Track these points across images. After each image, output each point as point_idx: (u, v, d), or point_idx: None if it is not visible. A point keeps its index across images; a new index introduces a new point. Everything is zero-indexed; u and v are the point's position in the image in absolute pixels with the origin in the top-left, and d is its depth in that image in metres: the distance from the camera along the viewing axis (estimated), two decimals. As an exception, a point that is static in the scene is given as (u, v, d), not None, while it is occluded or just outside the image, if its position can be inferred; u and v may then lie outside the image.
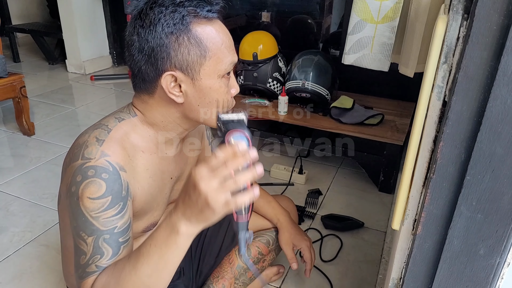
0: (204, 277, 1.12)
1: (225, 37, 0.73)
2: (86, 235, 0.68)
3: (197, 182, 0.57)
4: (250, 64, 2.05)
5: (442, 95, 0.55)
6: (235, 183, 0.57)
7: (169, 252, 0.63)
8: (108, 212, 0.69)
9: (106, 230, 0.69)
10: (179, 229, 0.61)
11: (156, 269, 0.63)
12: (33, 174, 1.93)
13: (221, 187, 0.57)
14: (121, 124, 0.76)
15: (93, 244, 0.68)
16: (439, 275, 0.56)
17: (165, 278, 0.65)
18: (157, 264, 0.63)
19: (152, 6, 0.69)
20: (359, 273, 1.38)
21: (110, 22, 3.52)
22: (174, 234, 0.62)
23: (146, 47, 0.70)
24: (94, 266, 0.68)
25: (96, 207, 0.68)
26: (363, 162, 1.88)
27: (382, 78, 1.94)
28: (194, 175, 0.58)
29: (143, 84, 0.75)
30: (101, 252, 0.68)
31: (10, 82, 2.10)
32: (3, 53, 2.23)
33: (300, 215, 1.62)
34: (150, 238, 0.64)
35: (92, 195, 0.68)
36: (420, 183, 0.62)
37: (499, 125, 0.45)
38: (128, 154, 0.74)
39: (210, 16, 0.71)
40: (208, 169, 0.57)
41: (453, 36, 0.51)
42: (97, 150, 0.71)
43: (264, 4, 2.79)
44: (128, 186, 0.73)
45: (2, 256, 1.43)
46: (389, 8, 1.45)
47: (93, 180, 0.68)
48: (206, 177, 0.57)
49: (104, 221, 0.69)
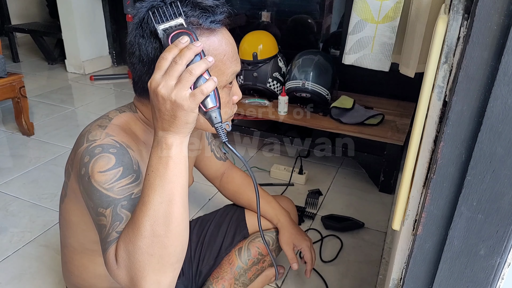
0: (204, 277, 1.11)
1: (227, 47, 0.71)
2: (103, 209, 0.67)
3: (156, 90, 0.59)
4: (250, 64, 2.05)
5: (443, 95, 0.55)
6: (191, 74, 0.58)
7: (168, 169, 0.62)
8: (122, 181, 0.68)
9: (123, 198, 0.67)
10: (166, 141, 0.61)
11: (164, 192, 0.62)
12: (32, 174, 1.93)
13: (179, 83, 0.58)
14: (122, 115, 0.77)
15: (112, 213, 0.66)
16: (439, 275, 0.56)
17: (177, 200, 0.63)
18: (162, 187, 0.62)
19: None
20: (359, 273, 1.38)
21: (110, 22, 3.52)
22: (165, 149, 0.62)
23: (146, 58, 0.69)
24: (115, 233, 0.65)
25: (108, 179, 0.67)
26: (363, 162, 1.87)
27: (383, 78, 1.94)
28: (151, 84, 0.59)
29: (143, 92, 0.75)
30: (120, 218, 0.66)
31: (10, 82, 2.10)
32: (3, 53, 2.23)
33: (300, 215, 1.62)
34: (147, 169, 0.64)
35: (102, 168, 0.67)
36: (421, 184, 0.62)
37: (500, 125, 0.45)
38: (133, 138, 0.75)
39: (213, 27, 0.68)
40: (161, 72, 0.59)
41: (454, 36, 0.51)
42: (102, 133, 0.71)
43: (264, 3, 2.79)
44: (138, 164, 0.72)
45: (2, 257, 1.43)
46: (390, 8, 1.45)
47: (101, 156, 0.68)
48: (162, 81, 0.58)
49: (119, 190, 0.67)
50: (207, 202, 1.74)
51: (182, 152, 0.63)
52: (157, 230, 0.61)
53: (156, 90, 0.59)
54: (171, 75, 0.58)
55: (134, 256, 0.61)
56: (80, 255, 0.86)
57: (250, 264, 1.11)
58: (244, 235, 1.14)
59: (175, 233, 0.63)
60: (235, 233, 1.14)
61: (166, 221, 0.62)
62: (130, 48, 0.71)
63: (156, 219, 0.61)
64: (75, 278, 0.90)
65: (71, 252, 0.88)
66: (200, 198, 1.76)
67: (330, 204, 1.75)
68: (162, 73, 0.59)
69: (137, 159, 0.72)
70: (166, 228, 0.62)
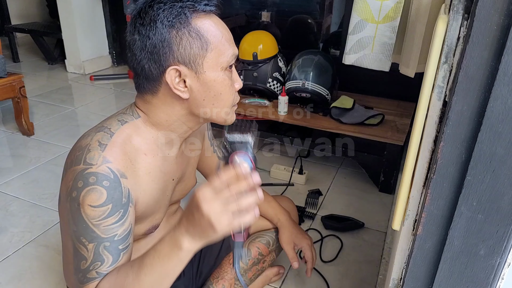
0: (204, 277, 1.11)
1: (224, 30, 0.74)
2: (86, 241, 0.70)
3: (200, 203, 0.59)
4: (250, 64, 2.04)
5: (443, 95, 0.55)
6: (238, 206, 0.59)
7: (171, 265, 0.65)
8: (109, 220, 0.70)
9: (107, 238, 0.70)
10: (182, 245, 0.63)
11: (158, 279, 0.66)
12: (32, 174, 1.93)
13: (224, 209, 0.59)
14: (124, 127, 0.76)
15: (94, 250, 0.69)
16: (439, 275, 0.56)
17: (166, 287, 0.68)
18: (159, 274, 0.65)
19: (151, 4, 0.70)
20: (359, 273, 1.38)
21: (110, 22, 3.52)
22: (177, 249, 0.63)
23: (148, 44, 0.70)
24: (95, 273, 0.70)
25: (97, 215, 0.69)
26: (363, 162, 1.87)
27: (383, 78, 1.94)
28: (198, 196, 0.60)
29: (146, 83, 0.75)
30: (102, 259, 0.70)
31: (10, 82, 2.10)
32: (3, 53, 2.23)
33: (300, 215, 1.62)
34: (154, 250, 0.66)
35: (93, 203, 0.69)
36: (421, 183, 0.62)
37: (500, 125, 0.45)
38: (130, 159, 0.74)
39: (207, 9, 0.72)
40: (211, 190, 0.59)
41: (454, 36, 0.51)
42: (99, 156, 0.71)
43: (264, 3, 2.79)
44: (129, 193, 0.73)
45: (2, 257, 1.43)
46: (390, 8, 1.45)
47: (94, 188, 0.69)
48: (209, 199, 0.59)
49: (104, 228, 0.70)
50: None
51: (191, 255, 0.65)
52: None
53: (201, 204, 0.59)
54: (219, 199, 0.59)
55: None
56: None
57: (250, 264, 1.11)
58: (244, 235, 1.14)
59: None
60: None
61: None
62: (130, 40, 0.73)
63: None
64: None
65: (71, 253, 0.87)
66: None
67: (330, 204, 1.75)
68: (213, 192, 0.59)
69: (129, 187, 0.73)
70: None
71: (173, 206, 0.99)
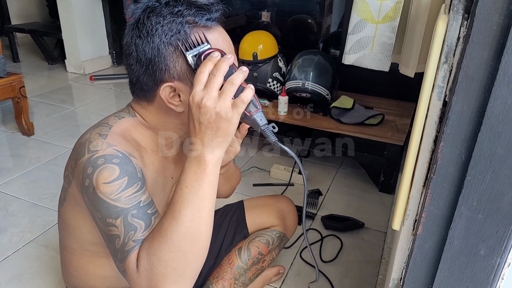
0: (204, 277, 1.11)
1: (224, 44, 0.72)
2: (113, 219, 0.66)
3: (201, 103, 0.60)
4: (250, 64, 2.04)
5: (443, 95, 0.55)
6: (232, 84, 0.61)
7: (202, 186, 0.63)
8: (128, 191, 0.67)
9: (132, 206, 0.67)
10: (205, 158, 0.62)
11: (196, 209, 0.62)
12: (32, 174, 1.93)
13: (222, 94, 0.60)
14: (121, 121, 0.76)
15: (123, 223, 0.66)
16: (439, 275, 0.56)
17: (207, 219, 0.64)
18: (194, 203, 0.62)
19: (149, 15, 0.68)
20: (359, 273, 1.38)
21: (110, 22, 3.52)
22: (202, 165, 0.62)
23: (143, 58, 0.69)
24: (132, 242, 0.65)
25: (114, 189, 0.66)
26: (363, 162, 1.87)
27: (383, 78, 1.94)
28: (194, 98, 0.61)
29: (141, 93, 0.74)
30: (134, 227, 0.66)
31: (10, 82, 2.10)
32: (3, 53, 2.23)
33: (300, 215, 1.62)
34: (179, 183, 0.64)
35: (107, 179, 0.66)
36: (421, 183, 0.62)
37: (500, 125, 0.45)
38: (133, 145, 0.74)
39: (209, 25, 0.69)
40: (201, 86, 0.61)
41: (454, 36, 0.51)
42: (103, 143, 0.70)
43: (264, 3, 2.79)
44: (142, 171, 0.71)
45: (2, 257, 1.43)
46: (390, 8, 1.45)
47: (105, 167, 0.67)
48: (204, 94, 0.60)
49: (126, 199, 0.67)
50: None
51: (217, 169, 0.64)
52: (184, 246, 0.62)
53: (201, 103, 0.60)
54: (212, 87, 0.60)
55: (157, 268, 0.62)
56: (79, 257, 0.86)
57: (250, 264, 1.11)
58: (244, 235, 1.14)
59: (200, 250, 0.64)
60: (235, 233, 1.14)
61: (194, 239, 0.63)
62: (127, 50, 0.71)
63: (185, 236, 0.62)
64: (74, 279, 0.90)
65: (70, 254, 0.87)
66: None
67: (330, 204, 1.75)
68: (202, 86, 0.61)
69: (140, 166, 0.72)
70: (192, 244, 0.63)
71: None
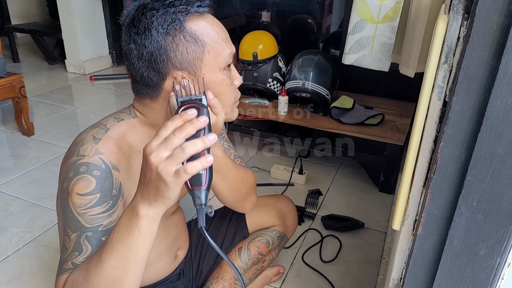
0: (204, 277, 1.11)
1: (219, 29, 0.73)
2: (71, 231, 0.68)
3: (148, 157, 0.56)
4: (250, 64, 2.04)
5: (443, 95, 0.55)
6: (183, 151, 0.55)
7: (131, 238, 0.61)
8: (95, 209, 0.68)
9: (90, 228, 0.68)
10: (138, 211, 0.59)
11: (120, 258, 0.61)
12: (32, 174, 1.93)
13: (170, 157, 0.55)
14: (119, 124, 0.76)
15: (75, 240, 0.67)
16: (439, 275, 0.56)
17: (130, 270, 0.62)
18: (120, 252, 0.61)
19: (143, 11, 0.69)
20: (359, 273, 1.38)
21: (110, 22, 3.52)
22: (135, 217, 0.60)
23: (144, 53, 0.69)
24: (70, 263, 0.67)
25: (83, 203, 0.68)
26: (363, 162, 1.87)
27: (383, 78, 1.94)
28: (145, 150, 0.57)
29: (146, 89, 0.74)
30: (80, 249, 0.67)
31: (10, 82, 2.10)
32: (3, 53, 2.23)
33: (300, 215, 1.62)
34: (115, 226, 0.63)
35: (80, 191, 0.68)
36: (421, 183, 0.62)
37: (500, 125, 0.45)
38: (124, 154, 0.74)
39: (201, 11, 0.71)
40: (158, 140, 0.56)
41: (454, 36, 0.51)
42: (92, 148, 0.71)
43: (264, 3, 2.79)
44: (121, 186, 0.72)
45: (2, 257, 1.43)
46: (390, 8, 1.45)
47: (83, 177, 0.68)
48: (155, 149, 0.56)
49: (89, 218, 0.68)
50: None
51: (151, 227, 0.61)
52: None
53: (148, 157, 0.56)
54: (166, 146, 0.56)
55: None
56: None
57: (250, 264, 1.11)
58: (244, 235, 1.14)
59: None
60: (235, 233, 1.14)
61: (114, 285, 0.62)
62: (127, 49, 0.72)
63: (105, 280, 0.62)
64: None
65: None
66: (200, 198, 1.76)
67: (330, 204, 1.75)
68: (159, 141, 0.56)
69: (121, 181, 0.72)
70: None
71: (171, 208, 0.99)
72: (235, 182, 0.94)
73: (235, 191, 0.95)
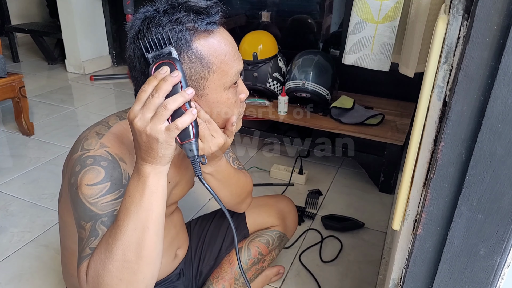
0: (204, 277, 1.11)
1: (227, 47, 0.70)
2: (85, 223, 0.67)
3: (133, 122, 0.59)
4: (250, 64, 2.04)
5: (443, 95, 0.55)
6: (165, 108, 0.58)
7: (144, 197, 0.62)
8: (107, 197, 0.67)
9: (104, 214, 0.67)
10: (144, 170, 0.62)
11: (138, 219, 0.62)
12: (32, 174, 1.93)
13: (155, 116, 0.58)
14: (122, 123, 0.77)
15: (90, 228, 0.66)
16: (439, 275, 0.56)
17: (151, 229, 0.63)
18: (137, 214, 0.62)
19: (148, 26, 0.66)
20: (359, 273, 1.38)
21: (110, 22, 3.52)
22: (142, 177, 0.62)
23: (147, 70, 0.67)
24: (88, 249, 0.65)
25: (94, 193, 0.67)
26: (363, 162, 1.87)
27: (383, 78, 1.94)
28: (129, 116, 0.60)
29: None
30: (96, 233, 0.66)
31: (10, 82, 2.10)
32: (3, 53, 2.23)
33: (300, 215, 1.62)
34: (125, 193, 0.64)
35: (90, 181, 0.67)
36: (421, 184, 0.62)
37: (500, 125, 0.45)
38: (128, 149, 0.74)
39: (210, 29, 0.67)
40: (139, 104, 0.59)
41: (454, 36, 0.51)
42: (96, 142, 0.71)
43: (264, 3, 2.79)
44: (129, 177, 0.71)
45: (2, 257, 1.43)
46: (390, 8, 1.45)
47: (92, 168, 0.68)
48: (139, 113, 0.59)
49: (102, 205, 0.67)
50: (207, 202, 1.74)
51: (160, 182, 0.63)
52: (128, 256, 0.62)
53: (133, 123, 0.59)
54: (148, 108, 0.58)
55: (103, 278, 0.62)
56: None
57: (250, 264, 1.11)
58: (244, 235, 1.14)
59: (146, 261, 0.63)
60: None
61: (138, 248, 0.62)
62: (131, 63, 0.70)
63: (128, 245, 0.62)
64: (74, 280, 0.90)
65: (70, 254, 0.87)
66: (200, 198, 1.76)
67: (330, 204, 1.75)
68: (140, 105, 0.59)
69: (129, 172, 0.72)
70: (137, 254, 0.62)
71: (169, 208, 0.98)
72: (236, 189, 0.95)
73: (236, 197, 0.98)
